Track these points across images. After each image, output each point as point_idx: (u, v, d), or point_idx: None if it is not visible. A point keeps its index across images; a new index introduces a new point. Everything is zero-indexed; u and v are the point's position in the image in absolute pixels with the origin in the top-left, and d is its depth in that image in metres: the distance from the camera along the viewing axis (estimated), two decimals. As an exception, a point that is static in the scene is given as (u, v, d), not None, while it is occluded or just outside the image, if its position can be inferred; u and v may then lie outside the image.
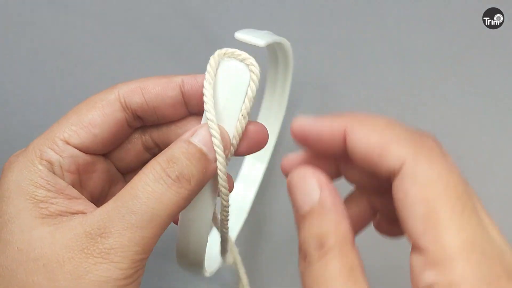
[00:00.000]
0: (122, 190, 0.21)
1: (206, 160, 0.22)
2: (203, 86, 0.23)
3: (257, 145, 0.25)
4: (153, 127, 0.26)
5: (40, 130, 0.24)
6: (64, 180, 0.23)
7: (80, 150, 0.23)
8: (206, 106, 0.23)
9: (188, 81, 0.24)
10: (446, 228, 0.17)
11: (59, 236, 0.21)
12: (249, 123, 0.24)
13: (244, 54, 0.23)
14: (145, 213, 0.20)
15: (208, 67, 0.23)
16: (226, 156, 0.23)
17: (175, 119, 0.25)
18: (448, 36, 0.37)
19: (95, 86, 0.37)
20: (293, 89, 0.37)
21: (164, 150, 0.22)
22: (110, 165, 0.26)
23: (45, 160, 0.22)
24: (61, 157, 0.23)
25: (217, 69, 0.23)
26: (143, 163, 0.26)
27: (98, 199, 0.26)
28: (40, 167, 0.22)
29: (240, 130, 0.24)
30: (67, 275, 0.20)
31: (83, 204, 0.22)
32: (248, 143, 0.24)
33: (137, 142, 0.26)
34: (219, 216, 0.26)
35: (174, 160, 0.21)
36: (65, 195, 0.22)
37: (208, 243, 0.25)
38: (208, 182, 0.23)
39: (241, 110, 0.23)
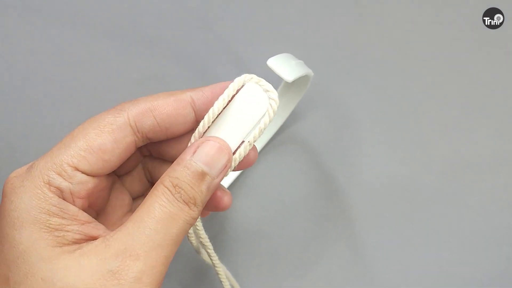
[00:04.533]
0: (139, 211, 0.22)
1: (208, 180, 0.23)
2: (213, 97, 0.24)
3: (247, 165, 0.26)
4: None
5: (37, 132, 0.23)
6: (74, 205, 0.22)
7: (89, 175, 0.23)
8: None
9: (198, 97, 0.24)
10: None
11: (85, 263, 0.20)
12: None
13: (268, 86, 0.24)
14: (167, 234, 0.21)
15: (230, 86, 0.23)
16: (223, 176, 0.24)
17: (182, 134, 0.25)
18: (448, 36, 0.37)
19: (95, 89, 0.37)
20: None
21: (169, 170, 0.23)
22: (110, 177, 0.25)
23: (54, 187, 0.22)
24: (71, 183, 0.22)
25: (238, 90, 0.24)
26: (137, 164, 0.27)
27: (101, 210, 0.26)
28: (50, 195, 0.21)
29: (242, 155, 0.24)
30: None
31: (96, 227, 0.22)
32: (242, 164, 0.25)
33: (136, 152, 0.26)
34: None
35: (179, 185, 0.22)
36: (78, 221, 0.22)
37: None
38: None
39: (248, 136, 0.24)
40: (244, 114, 0.24)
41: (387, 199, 0.38)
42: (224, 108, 0.24)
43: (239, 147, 0.24)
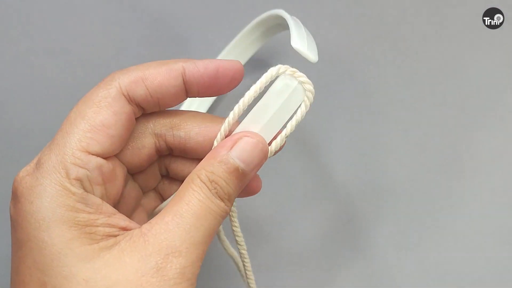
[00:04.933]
0: (176, 206, 0.21)
1: (243, 177, 0.23)
2: (204, 72, 0.23)
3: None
4: (169, 132, 0.25)
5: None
6: (94, 195, 0.22)
7: (102, 157, 0.22)
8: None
9: (189, 69, 0.24)
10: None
11: (127, 260, 0.20)
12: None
13: (304, 77, 0.24)
14: (206, 230, 0.21)
15: (264, 76, 0.23)
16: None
17: (174, 105, 0.25)
18: (448, 36, 0.37)
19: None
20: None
21: (205, 164, 0.22)
22: (124, 168, 0.25)
23: (74, 179, 0.21)
24: (87, 170, 0.21)
25: (272, 82, 0.24)
26: (150, 164, 0.26)
27: (117, 204, 0.25)
28: (74, 190, 0.21)
29: (278, 146, 0.24)
30: None
31: (121, 219, 0.22)
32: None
33: (151, 146, 0.25)
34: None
35: (215, 181, 0.22)
36: (104, 213, 0.21)
37: None
38: None
39: (284, 127, 0.24)
40: (279, 105, 0.23)
41: (388, 199, 0.38)
42: (255, 98, 0.24)
43: (274, 138, 0.24)
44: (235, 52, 0.34)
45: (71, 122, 0.22)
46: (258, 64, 0.37)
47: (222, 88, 0.25)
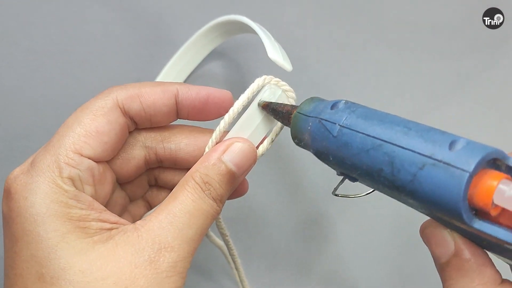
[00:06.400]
0: (170, 205, 0.22)
1: (234, 179, 0.24)
2: (196, 97, 0.25)
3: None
4: (159, 144, 0.26)
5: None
6: (85, 193, 0.23)
7: (93, 160, 0.23)
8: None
9: (183, 92, 0.25)
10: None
11: (121, 253, 0.21)
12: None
13: (287, 86, 0.26)
14: (198, 228, 0.22)
15: (251, 87, 0.25)
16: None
17: (165, 124, 0.26)
18: (448, 36, 0.37)
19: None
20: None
21: (199, 166, 0.23)
22: (113, 174, 0.26)
23: (66, 178, 0.22)
24: (79, 170, 0.22)
25: (258, 91, 0.25)
26: (138, 175, 0.27)
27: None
28: (66, 187, 0.22)
29: (265, 150, 0.26)
30: None
31: (111, 215, 0.23)
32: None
33: (140, 158, 0.26)
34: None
35: (209, 182, 0.23)
36: (96, 209, 0.22)
37: None
38: None
39: (270, 132, 0.26)
40: (265, 113, 0.25)
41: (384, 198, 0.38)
42: (244, 107, 0.25)
43: (261, 142, 0.26)
44: (193, 50, 0.37)
45: (68, 126, 0.23)
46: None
47: (210, 114, 0.26)
